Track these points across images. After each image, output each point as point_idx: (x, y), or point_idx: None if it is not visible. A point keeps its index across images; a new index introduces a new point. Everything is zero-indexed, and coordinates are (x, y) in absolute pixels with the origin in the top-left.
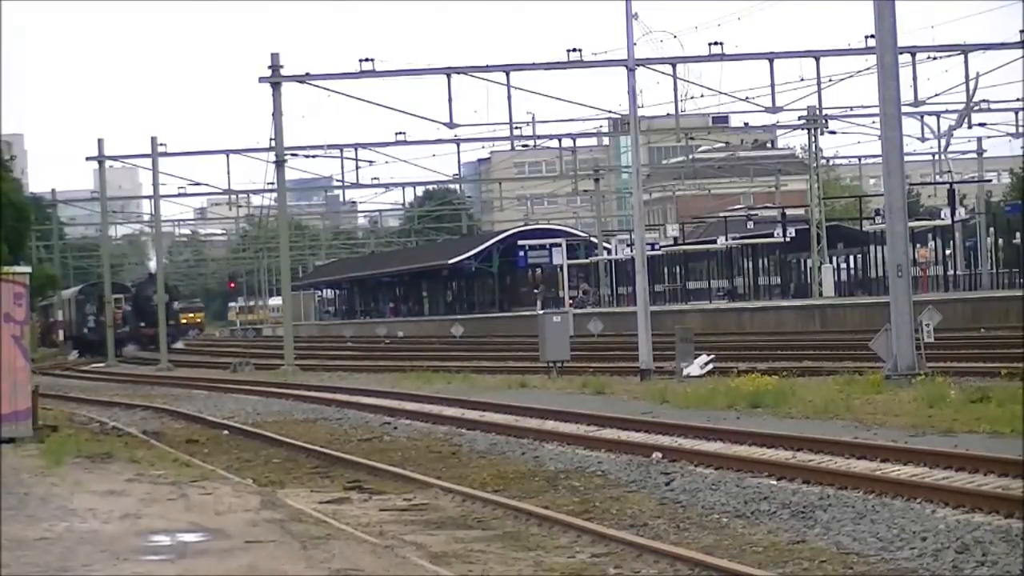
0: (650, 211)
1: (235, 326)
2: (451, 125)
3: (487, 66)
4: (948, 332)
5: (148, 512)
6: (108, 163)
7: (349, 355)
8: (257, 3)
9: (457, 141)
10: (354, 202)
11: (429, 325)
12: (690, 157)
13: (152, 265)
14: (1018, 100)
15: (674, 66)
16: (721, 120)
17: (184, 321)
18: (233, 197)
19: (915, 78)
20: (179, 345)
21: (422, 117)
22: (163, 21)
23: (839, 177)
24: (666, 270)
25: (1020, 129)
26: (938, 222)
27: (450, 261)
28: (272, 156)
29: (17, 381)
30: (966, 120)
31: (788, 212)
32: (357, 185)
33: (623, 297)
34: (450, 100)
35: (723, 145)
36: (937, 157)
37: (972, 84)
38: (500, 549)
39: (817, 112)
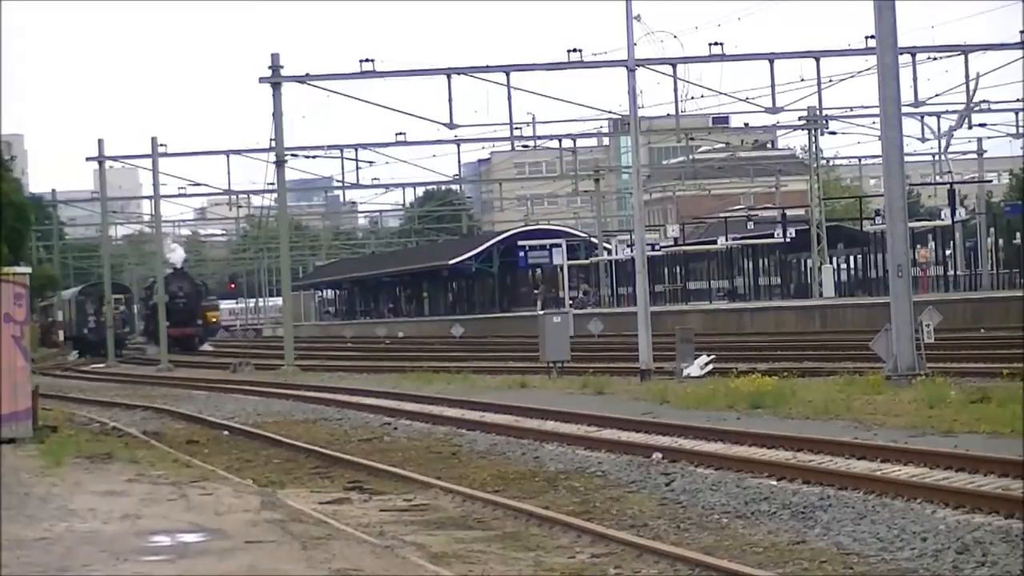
0: (650, 211)
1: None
2: (451, 125)
3: (487, 66)
4: (948, 332)
5: (148, 512)
6: (108, 163)
7: (349, 355)
8: (257, 3)
9: (457, 141)
10: (354, 202)
11: (429, 326)
12: (690, 157)
13: (174, 258)
14: (1018, 100)
15: (674, 66)
16: (721, 120)
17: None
18: (233, 197)
19: (915, 78)
20: (206, 347)
21: (422, 117)
22: (163, 21)
23: (839, 177)
24: (666, 270)
25: (1020, 129)
26: (938, 222)
27: (450, 262)
28: (272, 156)
29: (17, 381)
30: (966, 120)
31: (788, 212)
32: (357, 185)
33: (623, 297)
34: (450, 100)
35: (723, 145)
36: (937, 157)
37: (972, 84)
38: (500, 549)
39: (817, 112)
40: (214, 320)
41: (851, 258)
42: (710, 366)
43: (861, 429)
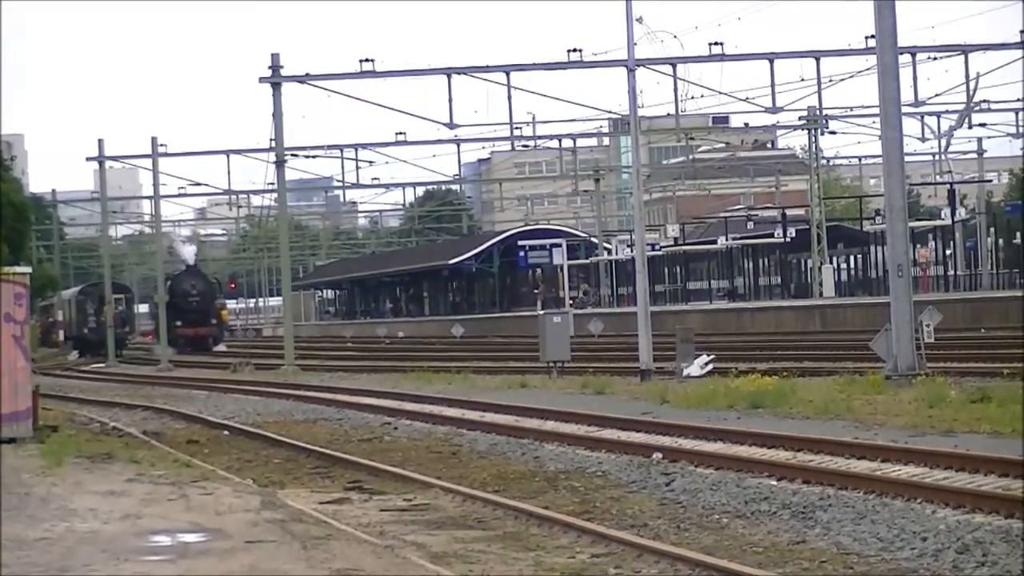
0: (650, 211)
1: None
2: (451, 125)
3: (487, 66)
4: (948, 332)
5: (148, 512)
6: (108, 163)
7: (349, 355)
8: (257, 3)
9: (457, 141)
10: (354, 202)
11: (429, 325)
12: (690, 157)
13: (185, 254)
14: (1018, 100)
15: (674, 66)
16: (721, 120)
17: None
18: (233, 197)
19: (915, 78)
20: (221, 348)
21: (422, 117)
22: (163, 21)
23: (839, 177)
24: (666, 270)
25: (1020, 129)
26: (938, 222)
27: (450, 261)
28: (272, 156)
29: (17, 381)
30: (966, 120)
31: (788, 212)
32: (357, 185)
33: (623, 297)
34: (450, 100)
35: (723, 145)
36: (937, 157)
37: (972, 84)
38: (500, 549)
39: (817, 112)
40: (224, 319)
41: (851, 258)
42: (710, 366)
43: (861, 429)
